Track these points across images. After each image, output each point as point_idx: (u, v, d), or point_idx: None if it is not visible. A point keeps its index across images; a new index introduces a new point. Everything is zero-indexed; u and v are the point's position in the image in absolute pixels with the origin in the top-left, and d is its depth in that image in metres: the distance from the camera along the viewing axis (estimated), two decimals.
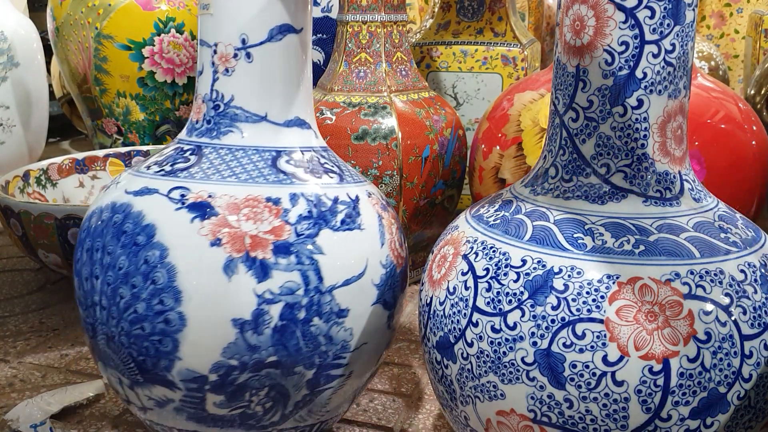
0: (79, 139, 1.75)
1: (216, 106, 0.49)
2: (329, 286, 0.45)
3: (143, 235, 0.45)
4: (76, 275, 0.49)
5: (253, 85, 0.49)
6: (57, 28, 1.13)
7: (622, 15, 0.39)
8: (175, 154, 0.49)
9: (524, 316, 0.38)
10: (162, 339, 0.44)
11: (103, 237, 0.46)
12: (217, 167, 0.47)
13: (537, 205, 0.43)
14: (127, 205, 0.46)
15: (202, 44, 0.50)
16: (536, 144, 0.73)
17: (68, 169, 0.95)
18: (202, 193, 0.45)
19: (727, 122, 0.67)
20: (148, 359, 0.45)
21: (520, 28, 1.02)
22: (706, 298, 0.37)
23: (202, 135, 0.49)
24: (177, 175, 0.47)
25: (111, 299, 0.45)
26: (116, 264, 0.45)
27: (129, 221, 0.45)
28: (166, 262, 0.44)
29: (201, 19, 0.49)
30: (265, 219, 0.45)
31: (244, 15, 0.47)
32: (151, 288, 0.44)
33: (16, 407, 0.58)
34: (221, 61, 0.48)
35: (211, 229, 0.44)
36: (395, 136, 0.77)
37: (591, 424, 0.37)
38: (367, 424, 0.58)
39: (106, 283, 0.45)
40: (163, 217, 0.45)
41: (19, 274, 0.92)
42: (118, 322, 0.45)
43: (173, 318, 0.44)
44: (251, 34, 0.48)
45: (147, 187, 0.47)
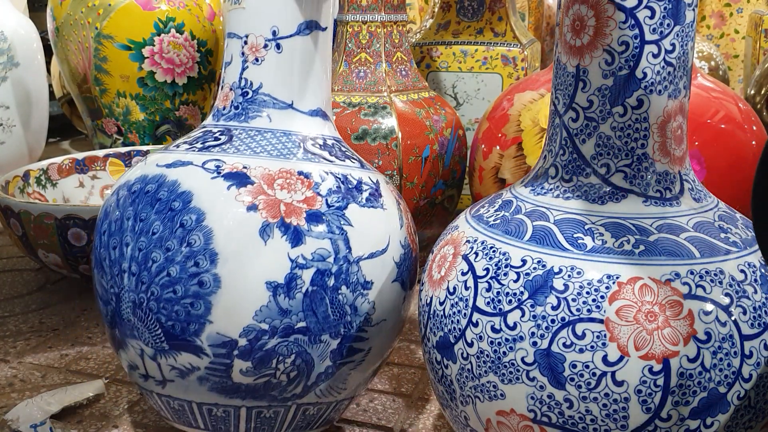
0: (79, 139, 1.75)
1: (245, 92, 0.51)
2: (356, 256, 0.47)
3: (179, 201, 0.46)
4: (98, 248, 0.49)
5: (282, 74, 0.51)
6: (57, 28, 1.13)
7: (622, 15, 0.39)
8: (204, 136, 0.51)
9: (524, 316, 0.38)
10: (194, 302, 0.45)
11: (134, 206, 0.47)
12: (248, 144, 0.49)
13: (537, 205, 0.43)
14: (160, 176, 0.48)
15: (231, 36, 0.52)
16: (536, 144, 0.73)
17: (68, 169, 0.95)
18: (237, 164, 0.48)
19: (727, 122, 0.67)
20: (177, 324, 0.45)
21: (520, 28, 1.02)
22: (706, 298, 0.37)
23: (230, 119, 0.51)
24: (210, 150, 0.49)
25: (142, 264, 0.46)
26: (150, 229, 0.46)
27: (164, 189, 0.47)
28: (203, 225, 0.45)
29: (231, 13, 0.52)
30: (298, 190, 0.47)
31: (276, 9, 0.50)
32: (187, 250, 0.45)
33: (16, 407, 0.58)
34: (251, 51, 0.51)
35: (248, 195, 0.46)
36: (395, 136, 0.77)
37: (591, 424, 0.37)
38: (367, 424, 0.58)
39: (138, 248, 0.46)
40: (199, 185, 0.46)
41: (19, 274, 0.92)
42: (148, 287, 0.46)
43: (207, 280, 0.45)
44: (282, 27, 0.51)
45: (180, 160, 0.48)
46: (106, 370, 0.67)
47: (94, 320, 0.78)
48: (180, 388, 0.48)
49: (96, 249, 0.50)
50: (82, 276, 0.80)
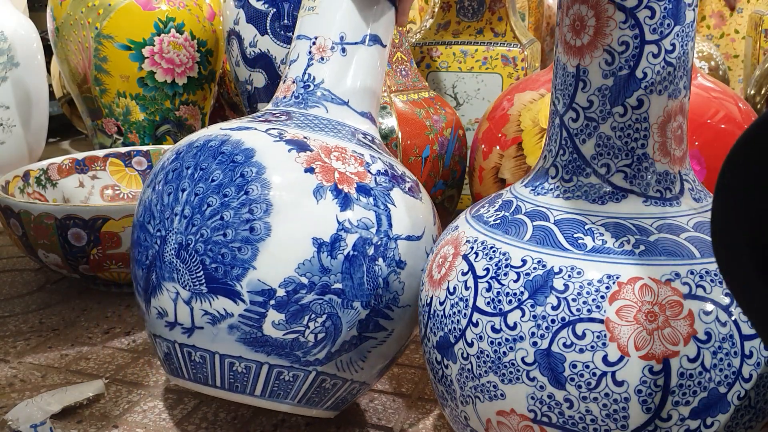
0: (79, 139, 1.75)
1: (306, 85, 0.57)
2: (396, 234, 0.50)
3: (242, 155, 0.49)
4: (151, 196, 0.51)
5: (342, 74, 0.57)
6: (57, 28, 1.13)
7: (623, 15, 0.39)
8: (264, 114, 0.55)
9: (524, 316, 0.38)
10: (242, 246, 0.47)
11: (196, 157, 0.50)
12: (307, 123, 0.54)
13: (537, 205, 0.43)
14: (225, 135, 0.51)
15: (300, 38, 0.58)
16: (536, 144, 0.73)
17: (68, 169, 0.95)
18: (296, 134, 0.51)
19: (727, 122, 0.67)
20: (221, 266, 0.47)
21: (520, 28, 1.02)
22: (706, 298, 0.37)
23: (290, 106, 0.56)
24: (270, 122, 0.53)
25: (196, 208, 0.48)
26: (209, 177, 0.48)
27: (227, 145, 0.50)
28: (262, 177, 0.48)
29: (303, 18, 0.58)
30: (352, 164, 0.51)
31: (346, 18, 0.57)
32: (243, 198, 0.47)
33: (16, 407, 0.58)
34: (318, 50, 0.57)
35: (306, 159, 0.49)
36: (395, 136, 0.77)
37: (591, 424, 0.37)
38: (367, 424, 0.58)
39: (194, 193, 0.48)
40: (262, 144, 0.49)
41: (19, 274, 0.92)
42: (199, 229, 0.48)
43: (259, 227, 0.47)
44: (349, 34, 0.57)
45: (243, 126, 0.52)
46: (106, 370, 0.67)
47: (94, 320, 0.78)
48: (207, 336, 0.49)
49: (146, 199, 0.52)
50: (82, 276, 0.80)
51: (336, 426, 0.58)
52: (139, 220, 0.52)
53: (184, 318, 0.49)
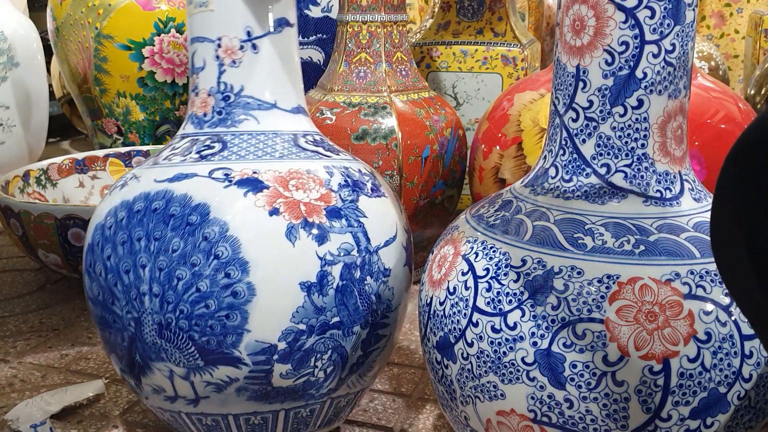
0: (79, 139, 1.75)
1: (226, 96, 0.50)
2: (375, 246, 0.48)
3: (196, 215, 0.45)
4: (104, 273, 0.47)
5: (262, 74, 0.51)
6: (57, 28, 1.13)
7: (622, 15, 0.39)
8: (193, 145, 0.50)
9: (524, 316, 0.38)
10: (230, 313, 0.44)
11: (143, 225, 0.46)
12: (247, 149, 0.49)
13: (537, 205, 0.43)
14: (165, 191, 0.46)
15: (199, 41, 0.51)
16: (536, 144, 0.73)
17: (68, 169, 0.95)
18: (245, 170, 0.47)
19: (727, 122, 0.67)
20: (212, 338, 0.45)
21: (520, 28, 1.02)
22: (706, 298, 0.37)
23: (216, 126, 0.50)
24: (209, 159, 0.48)
25: (165, 284, 0.45)
26: (168, 247, 0.45)
27: (174, 205, 0.46)
28: (228, 235, 0.44)
29: (197, 16, 0.50)
30: (312, 188, 0.47)
31: (247, 8, 0.50)
32: (215, 263, 0.44)
33: (16, 407, 0.58)
34: (227, 54, 0.50)
35: (267, 200, 0.46)
36: (395, 136, 0.77)
37: (591, 424, 0.37)
38: (367, 424, 0.58)
39: (158, 269, 0.45)
40: (213, 196, 0.46)
41: (19, 274, 0.92)
42: (176, 306, 0.45)
43: (242, 290, 0.44)
44: (255, 27, 0.50)
45: (181, 173, 0.47)
46: (106, 370, 0.67)
47: None
48: (216, 402, 0.47)
49: (98, 276, 0.48)
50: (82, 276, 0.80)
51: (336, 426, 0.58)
52: (99, 299, 0.48)
53: (185, 392, 0.47)
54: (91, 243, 0.49)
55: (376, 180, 0.52)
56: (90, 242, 0.49)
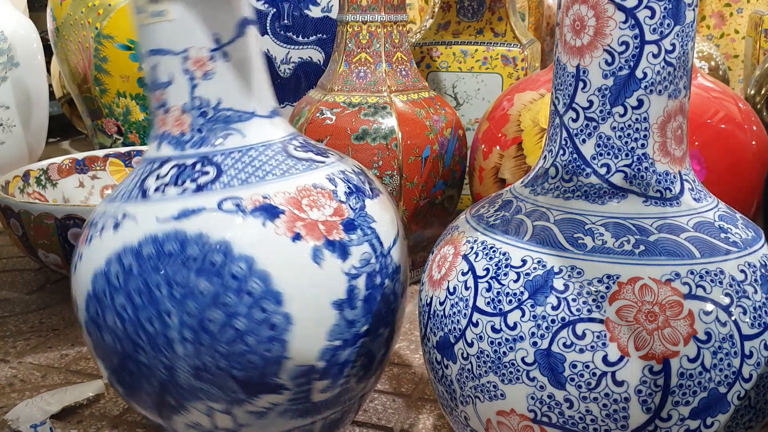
0: (79, 139, 1.75)
1: (203, 113, 0.47)
2: (387, 248, 0.49)
3: (218, 254, 0.43)
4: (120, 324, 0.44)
5: (237, 83, 0.47)
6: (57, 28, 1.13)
7: (622, 15, 0.39)
8: (183, 171, 0.46)
9: (524, 316, 0.38)
10: (269, 346, 0.43)
11: (159, 272, 0.43)
12: (245, 170, 0.46)
13: (537, 205, 0.43)
14: (175, 232, 0.43)
15: (160, 53, 0.46)
16: (536, 144, 0.73)
17: (68, 169, 0.95)
18: (255, 197, 0.45)
19: (727, 122, 0.67)
20: (253, 372, 0.44)
21: (520, 28, 1.02)
22: (706, 298, 0.37)
23: (199, 145, 0.47)
24: (210, 189, 0.45)
25: (198, 328, 0.43)
26: (195, 291, 0.42)
27: (191, 246, 0.43)
28: (256, 270, 0.43)
29: (154, 27, 0.46)
30: (325, 204, 0.46)
31: (212, 14, 0.46)
32: (249, 300, 0.43)
33: (16, 407, 0.58)
34: (197, 66, 0.46)
35: (286, 226, 0.44)
36: (395, 136, 0.77)
37: (591, 424, 0.37)
38: (367, 424, 0.58)
39: (186, 314, 0.43)
40: (231, 231, 0.43)
41: (19, 274, 0.92)
42: (212, 348, 0.43)
43: (279, 321, 0.43)
44: (223, 33, 0.46)
45: (187, 209, 0.44)
46: None
47: None
48: (258, 427, 0.47)
49: (113, 327, 0.45)
50: None
51: None
52: (117, 349, 0.45)
53: (225, 423, 0.47)
54: (93, 292, 0.45)
55: (369, 177, 0.52)
56: (91, 291, 0.45)
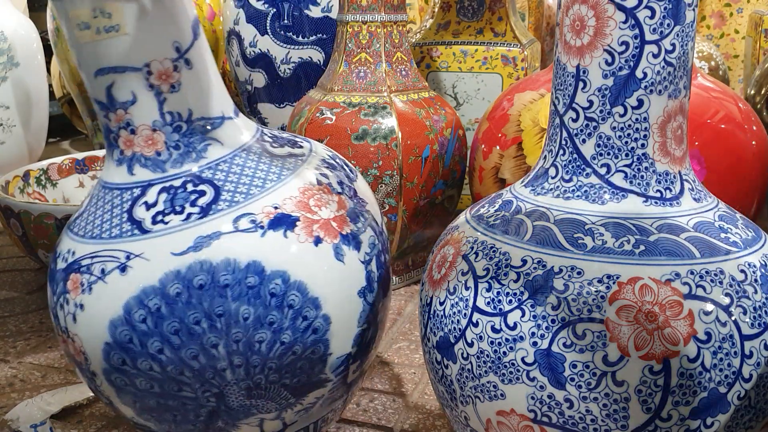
0: (79, 139, 1.75)
1: (177, 127, 0.45)
2: (381, 226, 0.51)
3: (252, 276, 0.43)
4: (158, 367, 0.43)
5: (203, 90, 0.45)
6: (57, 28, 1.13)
7: (623, 15, 0.39)
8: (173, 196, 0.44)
9: (524, 316, 0.38)
10: (314, 348, 0.45)
11: (199, 308, 0.42)
12: (241, 182, 0.45)
13: (537, 205, 0.43)
14: (200, 263, 0.42)
15: (117, 71, 0.43)
16: (536, 144, 0.73)
17: (68, 169, 0.95)
18: (266, 209, 0.44)
19: (727, 122, 0.67)
20: (302, 376, 0.46)
21: (520, 28, 1.02)
22: (706, 298, 0.37)
23: (181, 163, 0.45)
24: (216, 210, 0.44)
25: (247, 352, 0.43)
26: (239, 318, 0.42)
27: (222, 273, 0.42)
28: (292, 282, 0.43)
29: (105, 43, 0.42)
30: (328, 200, 0.47)
31: (170, 21, 0.43)
32: (291, 313, 0.44)
33: (16, 407, 0.58)
34: (161, 79, 0.43)
35: (305, 232, 0.45)
36: (395, 136, 0.77)
37: (591, 424, 0.37)
38: (367, 424, 0.58)
39: (234, 341, 0.43)
40: (256, 249, 0.43)
41: (19, 274, 0.92)
42: (264, 366, 0.44)
43: (320, 324, 0.45)
44: (182, 39, 0.44)
45: (201, 236, 0.43)
46: None
47: None
48: (301, 422, 0.49)
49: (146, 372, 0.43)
50: None
51: (336, 426, 0.58)
52: (154, 392, 0.44)
53: (274, 427, 0.48)
54: (116, 341, 0.43)
55: (338, 156, 0.53)
56: (110, 340, 0.43)
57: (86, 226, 0.46)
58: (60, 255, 0.46)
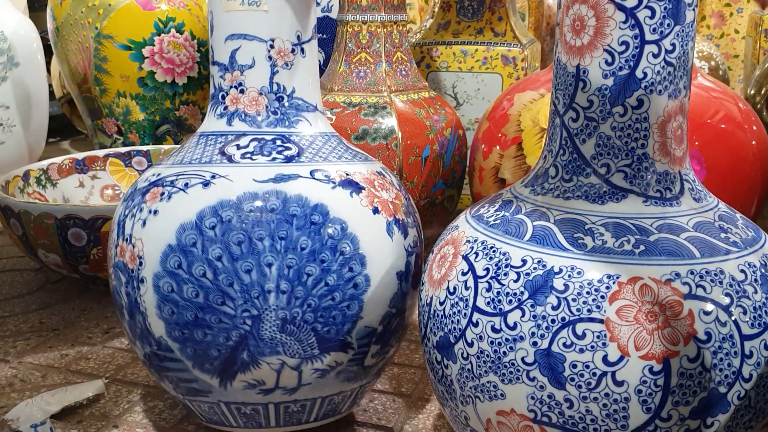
0: (79, 139, 1.75)
1: (279, 97, 0.52)
2: (421, 241, 0.54)
3: (318, 215, 0.48)
4: (211, 275, 0.46)
5: (308, 77, 0.53)
6: (57, 28, 1.13)
7: (623, 15, 0.39)
8: (263, 145, 0.51)
9: (524, 316, 0.38)
10: (350, 303, 0.48)
11: (263, 225, 0.47)
12: (321, 151, 0.52)
13: (537, 205, 0.43)
14: (276, 192, 0.48)
15: (246, 38, 0.51)
16: (536, 144, 0.73)
17: (68, 169, 0.95)
18: (339, 172, 0.50)
19: (727, 122, 0.67)
20: (333, 327, 0.48)
21: (520, 28, 1.02)
22: (706, 298, 0.37)
23: (274, 125, 0.52)
24: (299, 160, 0.50)
25: (295, 280, 0.47)
26: (297, 245, 0.47)
27: (293, 205, 0.47)
28: (348, 233, 0.48)
29: (245, 14, 0.51)
30: (390, 188, 0.52)
31: (299, 13, 0.51)
32: (341, 259, 0.48)
33: (16, 407, 0.58)
34: (280, 55, 0.51)
35: (369, 200, 0.50)
36: (395, 136, 0.77)
37: (591, 424, 0.37)
38: (367, 424, 0.58)
39: (287, 266, 0.47)
40: (327, 197, 0.48)
41: (19, 274, 0.92)
42: (304, 300, 0.47)
43: (361, 281, 0.48)
44: (303, 32, 0.52)
45: (283, 174, 0.49)
46: (106, 370, 0.67)
47: (94, 320, 0.78)
48: (314, 388, 0.51)
49: (200, 278, 0.47)
50: (82, 276, 0.80)
51: (336, 426, 0.58)
52: (197, 302, 0.47)
53: (288, 381, 0.50)
54: (180, 244, 0.47)
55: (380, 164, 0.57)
56: (174, 243, 0.47)
57: (176, 158, 0.52)
58: (143, 178, 0.52)
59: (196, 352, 0.48)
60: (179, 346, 0.49)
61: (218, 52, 0.52)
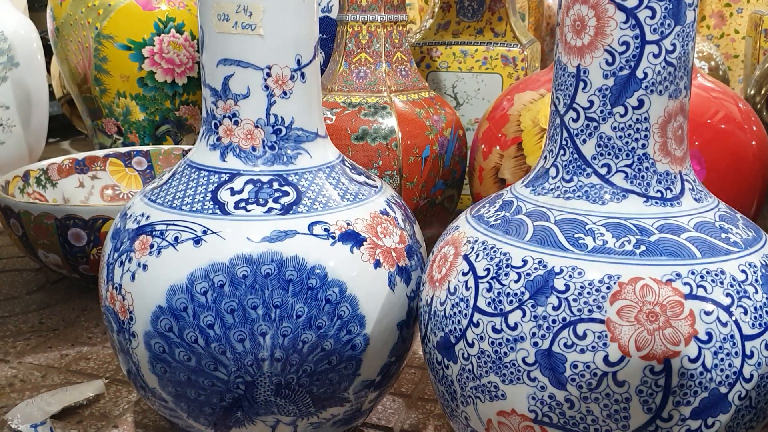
0: (79, 139, 1.75)
1: (277, 130, 0.48)
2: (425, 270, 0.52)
3: (315, 278, 0.45)
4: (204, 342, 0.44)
5: (308, 104, 0.49)
6: (57, 28, 1.13)
7: (623, 15, 0.39)
8: (259, 189, 0.47)
9: (525, 317, 0.38)
10: (347, 364, 0.47)
11: (257, 293, 0.44)
12: (321, 193, 0.48)
13: (537, 206, 0.43)
14: (271, 254, 0.44)
15: (240, 65, 0.46)
16: (536, 144, 0.73)
17: (68, 169, 0.95)
18: (339, 223, 0.47)
19: (727, 122, 0.67)
20: (329, 388, 0.47)
21: (520, 28, 1.02)
22: (707, 298, 0.37)
23: (272, 163, 0.48)
24: (295, 211, 0.46)
25: (290, 348, 0.45)
26: (293, 313, 0.44)
27: (289, 269, 0.44)
28: (346, 294, 0.46)
29: (239, 38, 0.46)
30: (393, 232, 0.49)
31: (299, 36, 0.47)
32: (338, 323, 0.46)
33: (16, 407, 0.58)
34: (277, 84, 0.47)
35: (369, 253, 0.47)
36: (395, 136, 0.77)
37: (592, 424, 0.37)
38: (367, 424, 0.58)
39: (281, 335, 0.44)
40: (325, 256, 0.45)
41: (19, 274, 0.92)
42: (299, 367, 0.45)
43: (359, 342, 0.47)
44: (304, 54, 0.48)
45: (279, 231, 0.45)
46: (106, 370, 0.67)
47: (94, 320, 0.78)
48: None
49: (192, 344, 0.45)
50: (82, 276, 0.80)
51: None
52: (190, 366, 0.45)
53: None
54: (170, 306, 0.45)
55: (401, 200, 0.54)
56: (165, 305, 0.45)
57: (165, 196, 0.48)
58: (130, 215, 0.48)
59: (190, 407, 0.48)
60: (173, 399, 0.48)
61: (210, 76, 0.48)
